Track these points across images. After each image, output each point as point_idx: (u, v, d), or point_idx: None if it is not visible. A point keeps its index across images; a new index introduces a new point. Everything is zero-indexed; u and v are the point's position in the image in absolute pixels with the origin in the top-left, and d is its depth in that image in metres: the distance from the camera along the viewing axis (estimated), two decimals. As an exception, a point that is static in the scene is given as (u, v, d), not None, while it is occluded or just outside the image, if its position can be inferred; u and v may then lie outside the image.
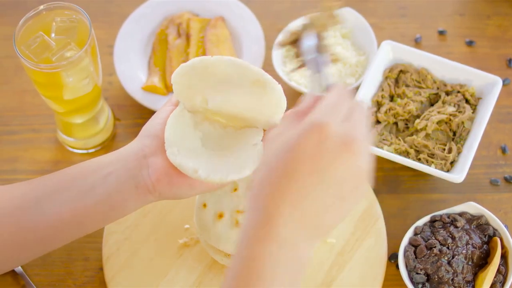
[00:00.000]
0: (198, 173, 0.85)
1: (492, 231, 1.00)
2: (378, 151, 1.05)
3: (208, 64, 0.87)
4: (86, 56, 0.99)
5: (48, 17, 1.01)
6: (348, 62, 1.17)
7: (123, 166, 0.87)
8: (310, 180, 0.68)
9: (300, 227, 0.69)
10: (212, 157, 0.88)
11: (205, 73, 0.88)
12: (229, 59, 0.87)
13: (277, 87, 0.87)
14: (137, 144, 0.89)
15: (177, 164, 0.85)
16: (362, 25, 1.20)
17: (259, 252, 0.69)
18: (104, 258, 1.04)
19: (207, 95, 0.88)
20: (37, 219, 0.88)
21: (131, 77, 1.19)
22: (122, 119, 1.19)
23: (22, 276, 1.04)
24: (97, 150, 1.16)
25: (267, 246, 0.69)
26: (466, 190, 1.10)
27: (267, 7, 1.28)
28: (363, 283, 1.01)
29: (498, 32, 1.25)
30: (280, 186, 0.69)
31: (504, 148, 1.13)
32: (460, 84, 1.11)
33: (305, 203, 0.69)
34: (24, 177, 1.14)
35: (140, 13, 1.25)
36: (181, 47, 1.22)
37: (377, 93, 1.12)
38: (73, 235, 0.91)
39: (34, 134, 1.18)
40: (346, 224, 1.05)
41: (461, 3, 1.29)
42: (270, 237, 0.69)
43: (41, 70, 0.98)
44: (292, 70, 1.12)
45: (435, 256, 0.98)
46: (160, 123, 0.89)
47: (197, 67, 0.88)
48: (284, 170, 0.69)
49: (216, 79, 0.88)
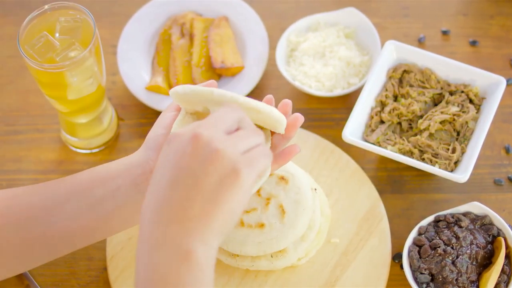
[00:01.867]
0: None
1: (496, 231, 1.00)
2: (382, 151, 1.05)
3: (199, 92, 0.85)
4: (90, 56, 0.99)
5: (52, 17, 1.01)
6: (351, 62, 1.17)
7: (131, 181, 0.88)
8: (186, 183, 0.73)
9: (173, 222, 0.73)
10: None
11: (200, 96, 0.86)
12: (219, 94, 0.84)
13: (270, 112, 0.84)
14: (143, 156, 0.89)
15: None
16: (366, 25, 1.20)
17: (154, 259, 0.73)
18: (108, 258, 1.04)
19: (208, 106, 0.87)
20: (45, 229, 0.88)
21: (135, 77, 1.19)
22: (126, 119, 1.19)
23: (26, 276, 1.04)
24: (101, 150, 1.16)
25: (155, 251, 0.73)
26: (470, 190, 1.10)
27: (270, 7, 1.28)
28: (367, 283, 1.01)
29: (502, 32, 1.25)
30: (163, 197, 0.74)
31: (508, 148, 1.13)
32: (464, 84, 1.11)
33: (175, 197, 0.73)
34: (28, 177, 1.14)
35: (143, 13, 1.25)
36: (185, 47, 1.22)
37: (381, 93, 1.12)
38: (81, 244, 0.92)
39: (38, 134, 1.18)
40: (350, 224, 1.05)
41: (465, 3, 1.29)
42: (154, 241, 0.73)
43: (45, 70, 0.98)
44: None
45: (439, 256, 0.98)
46: (163, 134, 0.89)
47: (189, 94, 0.86)
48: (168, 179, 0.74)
49: (213, 100, 0.85)
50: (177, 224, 0.72)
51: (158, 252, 0.72)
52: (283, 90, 1.20)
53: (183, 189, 0.73)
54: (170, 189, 0.73)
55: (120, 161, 0.91)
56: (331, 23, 1.22)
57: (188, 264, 0.72)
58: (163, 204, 0.73)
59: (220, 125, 0.76)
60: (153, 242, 0.73)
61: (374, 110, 1.11)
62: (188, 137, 0.74)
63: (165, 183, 0.74)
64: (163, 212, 0.73)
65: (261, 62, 1.19)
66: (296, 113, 0.88)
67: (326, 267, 1.02)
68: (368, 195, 1.07)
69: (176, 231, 0.72)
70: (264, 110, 0.83)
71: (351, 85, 1.16)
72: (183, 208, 0.72)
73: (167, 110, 0.92)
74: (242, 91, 1.17)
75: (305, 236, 0.99)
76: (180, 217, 0.72)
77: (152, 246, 0.73)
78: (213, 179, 0.72)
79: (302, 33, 1.21)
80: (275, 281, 1.02)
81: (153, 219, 0.73)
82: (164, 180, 0.74)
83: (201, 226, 0.72)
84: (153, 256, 0.73)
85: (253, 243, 0.96)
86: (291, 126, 0.88)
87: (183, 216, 0.72)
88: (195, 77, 1.19)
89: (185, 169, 0.73)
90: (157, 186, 0.74)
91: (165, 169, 0.74)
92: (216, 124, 0.75)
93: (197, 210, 0.72)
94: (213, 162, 0.73)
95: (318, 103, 1.19)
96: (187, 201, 0.72)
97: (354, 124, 1.07)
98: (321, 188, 1.05)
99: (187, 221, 0.72)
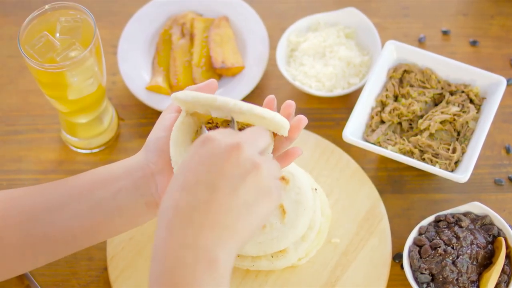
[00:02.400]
0: None
1: (496, 231, 1.00)
2: (383, 151, 1.05)
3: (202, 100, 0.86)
4: (90, 56, 0.99)
5: (52, 17, 1.01)
6: (352, 62, 1.17)
7: (132, 184, 0.88)
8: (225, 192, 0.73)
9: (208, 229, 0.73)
10: None
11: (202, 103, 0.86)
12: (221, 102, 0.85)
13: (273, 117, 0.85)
14: (143, 158, 0.89)
15: None
16: (366, 25, 1.20)
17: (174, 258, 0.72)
18: (108, 258, 1.04)
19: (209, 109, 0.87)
20: (46, 230, 0.89)
21: (135, 77, 1.19)
22: (126, 119, 1.19)
23: (26, 276, 1.04)
24: (101, 150, 1.16)
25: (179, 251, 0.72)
26: (470, 190, 1.10)
27: (271, 7, 1.28)
28: (367, 283, 1.01)
29: (502, 32, 1.25)
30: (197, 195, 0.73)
31: (508, 148, 1.13)
32: (464, 84, 1.11)
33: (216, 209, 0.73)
34: (28, 177, 1.14)
35: (144, 13, 1.25)
36: (185, 47, 1.22)
37: (381, 93, 1.12)
38: (82, 246, 0.92)
39: (38, 134, 1.18)
40: (350, 224, 1.05)
41: (465, 3, 1.29)
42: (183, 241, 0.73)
43: (46, 70, 0.98)
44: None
45: (439, 256, 0.98)
46: (164, 136, 0.89)
47: (190, 102, 0.86)
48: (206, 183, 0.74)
49: (216, 106, 0.86)
50: (210, 229, 0.72)
51: (184, 252, 0.72)
52: (284, 90, 1.20)
53: (222, 196, 0.73)
54: (207, 192, 0.73)
55: (121, 163, 0.91)
56: (331, 23, 1.22)
57: (212, 271, 0.72)
58: (199, 206, 0.73)
59: (259, 144, 0.78)
60: (181, 242, 0.72)
61: (374, 110, 1.11)
62: (229, 145, 0.74)
63: (201, 185, 0.73)
64: (197, 214, 0.72)
65: (262, 62, 1.19)
66: (300, 115, 0.88)
67: (326, 267, 1.02)
68: (369, 195, 1.07)
69: (207, 236, 0.72)
70: (267, 116, 0.84)
71: (352, 85, 1.16)
72: (219, 215, 0.73)
73: (167, 111, 0.92)
74: (243, 91, 1.17)
75: (305, 236, 0.99)
76: (214, 224, 0.72)
77: (180, 245, 0.72)
78: (250, 192, 0.74)
79: (302, 33, 1.21)
80: (275, 281, 1.02)
81: (186, 218, 0.73)
82: (199, 180, 0.74)
83: (231, 235, 0.73)
84: (178, 255, 0.72)
85: (254, 243, 0.96)
86: (294, 128, 0.88)
87: (218, 223, 0.73)
88: (195, 77, 1.19)
89: (224, 175, 0.73)
90: (191, 185, 0.74)
91: (200, 169, 0.74)
92: (256, 143, 0.77)
93: (231, 220, 0.73)
94: (253, 176, 0.74)
95: (318, 103, 1.19)
96: (223, 208, 0.73)
97: (354, 124, 1.08)
98: (321, 188, 1.05)
99: (220, 229, 0.72)
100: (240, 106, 0.83)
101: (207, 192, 0.73)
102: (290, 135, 0.88)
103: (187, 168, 0.75)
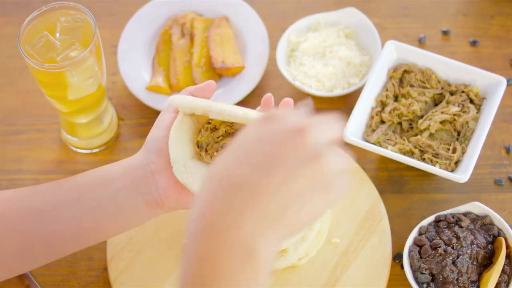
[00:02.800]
0: None
1: (496, 231, 1.00)
2: (383, 151, 1.05)
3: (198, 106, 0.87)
4: (90, 56, 0.99)
5: (52, 17, 1.01)
6: (352, 62, 1.17)
7: (131, 183, 0.88)
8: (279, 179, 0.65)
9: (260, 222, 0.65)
10: None
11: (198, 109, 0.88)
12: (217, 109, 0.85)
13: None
14: (143, 158, 0.90)
15: (184, 182, 0.86)
16: (366, 25, 1.20)
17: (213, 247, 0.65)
18: (108, 258, 1.04)
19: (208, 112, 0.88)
20: (46, 230, 0.89)
21: (135, 77, 1.19)
22: (126, 119, 1.19)
23: (26, 276, 1.04)
24: (101, 150, 1.16)
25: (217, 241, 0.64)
26: (470, 190, 1.10)
27: (271, 7, 1.28)
28: (367, 283, 1.01)
29: (502, 32, 1.25)
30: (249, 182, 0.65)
31: (509, 148, 1.13)
32: (464, 84, 1.11)
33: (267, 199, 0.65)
34: (29, 177, 1.14)
35: (144, 13, 1.25)
36: (185, 47, 1.22)
37: (381, 93, 1.12)
38: (82, 246, 0.92)
39: (38, 134, 1.18)
40: (350, 224, 1.05)
41: (465, 3, 1.29)
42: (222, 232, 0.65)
43: (46, 70, 0.98)
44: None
45: (440, 256, 0.98)
46: (163, 136, 0.89)
47: (186, 107, 0.88)
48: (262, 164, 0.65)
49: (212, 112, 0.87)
50: (251, 212, 0.64)
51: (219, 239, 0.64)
52: (284, 90, 1.20)
53: (273, 180, 0.64)
54: (258, 171, 0.65)
55: (121, 163, 0.91)
56: (331, 23, 1.22)
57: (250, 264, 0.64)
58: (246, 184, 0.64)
59: (328, 133, 0.68)
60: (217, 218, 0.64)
61: (374, 110, 1.11)
62: (294, 127, 0.66)
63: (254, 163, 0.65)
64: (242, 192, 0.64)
65: (262, 62, 1.19)
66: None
67: (326, 267, 1.02)
68: (369, 195, 1.07)
69: (247, 220, 0.64)
70: None
71: (351, 85, 1.16)
72: (265, 199, 0.64)
73: (165, 111, 0.92)
74: (243, 91, 1.17)
75: (305, 236, 0.99)
76: (257, 207, 0.64)
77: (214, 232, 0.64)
78: (306, 183, 0.65)
79: (302, 33, 1.21)
80: (275, 281, 1.02)
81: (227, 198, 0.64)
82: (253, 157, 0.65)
83: (273, 226, 0.65)
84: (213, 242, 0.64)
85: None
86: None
87: (261, 208, 0.64)
88: (195, 77, 1.19)
89: (281, 158, 0.65)
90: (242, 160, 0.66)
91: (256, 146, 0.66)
92: (325, 131, 0.68)
93: (277, 208, 0.64)
94: (313, 165, 0.65)
95: (318, 103, 1.19)
96: (270, 193, 0.64)
97: (354, 124, 1.08)
98: (321, 188, 1.05)
99: (262, 215, 0.64)
100: (235, 113, 0.84)
101: (258, 172, 0.64)
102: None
103: (243, 141, 0.67)
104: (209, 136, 0.90)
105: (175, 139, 0.88)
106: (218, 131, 0.90)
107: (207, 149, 0.89)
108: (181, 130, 0.89)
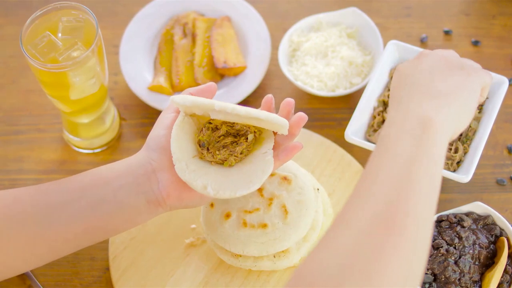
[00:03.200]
0: (207, 190, 0.86)
1: (499, 231, 1.00)
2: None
3: (200, 105, 0.88)
4: (92, 56, 0.99)
5: (54, 17, 1.01)
6: (354, 62, 1.17)
7: (133, 181, 0.88)
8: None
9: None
10: (220, 170, 0.88)
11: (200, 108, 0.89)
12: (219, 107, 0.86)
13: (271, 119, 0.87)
14: (144, 157, 0.90)
15: (186, 180, 0.87)
16: (368, 25, 1.19)
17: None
18: (110, 258, 1.04)
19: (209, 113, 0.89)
20: (48, 229, 0.89)
21: (137, 77, 1.19)
22: (128, 119, 1.19)
23: (28, 275, 1.04)
24: (103, 150, 1.16)
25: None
26: (472, 190, 1.10)
27: (273, 7, 1.28)
28: (369, 283, 1.01)
29: (504, 31, 1.25)
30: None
31: (510, 148, 1.13)
32: (466, 84, 1.11)
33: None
34: (30, 177, 1.14)
35: (145, 13, 1.25)
36: (187, 47, 1.22)
37: (383, 92, 1.12)
38: (84, 244, 0.92)
39: (40, 134, 1.18)
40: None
41: (467, 3, 1.28)
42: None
43: (48, 70, 0.98)
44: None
45: (442, 256, 0.97)
46: (164, 134, 0.90)
47: (189, 106, 0.89)
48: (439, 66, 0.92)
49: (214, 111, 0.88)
50: (428, 98, 0.85)
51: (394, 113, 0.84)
52: (285, 90, 1.20)
53: (438, 73, 0.89)
54: (429, 75, 0.89)
55: (122, 162, 0.91)
56: (333, 23, 1.22)
57: (423, 129, 0.80)
58: (426, 84, 0.88)
59: (483, 76, 0.93)
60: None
61: (376, 110, 1.11)
62: (440, 54, 0.92)
63: (426, 74, 0.90)
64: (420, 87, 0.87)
65: (263, 62, 1.19)
66: (300, 113, 0.90)
67: (328, 267, 1.02)
68: (371, 195, 1.07)
69: (421, 102, 0.84)
70: (265, 118, 0.86)
71: (353, 85, 1.16)
72: (437, 85, 0.87)
73: (167, 111, 0.93)
74: (245, 91, 1.17)
75: (307, 237, 0.99)
76: (432, 92, 0.86)
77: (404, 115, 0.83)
78: (463, 75, 0.90)
79: (304, 33, 1.21)
80: (277, 281, 1.01)
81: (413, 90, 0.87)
82: (423, 71, 0.90)
83: (444, 102, 0.85)
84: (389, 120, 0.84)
85: (256, 243, 0.96)
86: (294, 125, 0.90)
87: (433, 91, 0.86)
88: (197, 77, 1.19)
89: (446, 64, 0.91)
90: (425, 69, 0.90)
91: (426, 67, 0.90)
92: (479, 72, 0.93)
93: (443, 88, 0.87)
94: (458, 68, 0.91)
95: (320, 103, 1.19)
96: (444, 81, 0.88)
97: (356, 124, 1.07)
98: (323, 188, 1.05)
99: (436, 93, 0.86)
100: (238, 111, 0.86)
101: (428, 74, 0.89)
102: (290, 132, 0.90)
103: (404, 68, 0.92)
104: (210, 135, 0.90)
105: (177, 138, 0.88)
106: (219, 131, 0.90)
107: (208, 148, 0.90)
108: (182, 129, 0.89)
